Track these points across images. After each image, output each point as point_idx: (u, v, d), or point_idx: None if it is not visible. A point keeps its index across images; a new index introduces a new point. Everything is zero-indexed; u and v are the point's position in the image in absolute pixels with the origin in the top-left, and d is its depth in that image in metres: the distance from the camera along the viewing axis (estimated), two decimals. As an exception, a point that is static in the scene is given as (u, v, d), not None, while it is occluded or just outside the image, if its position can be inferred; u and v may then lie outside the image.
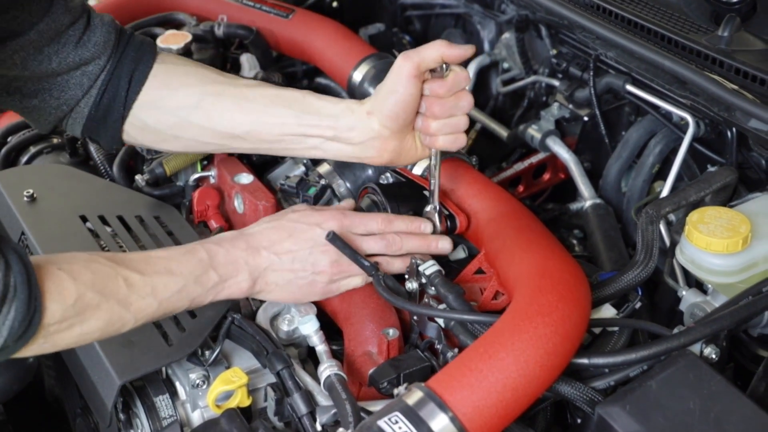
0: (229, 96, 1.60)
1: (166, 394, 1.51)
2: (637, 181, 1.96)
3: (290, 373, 1.47)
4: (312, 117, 1.57)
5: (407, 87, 1.49)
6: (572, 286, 1.37)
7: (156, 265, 1.40)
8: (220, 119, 1.59)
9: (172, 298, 1.40)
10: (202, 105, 1.59)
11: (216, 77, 1.62)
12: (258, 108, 1.59)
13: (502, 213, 1.60)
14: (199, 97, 1.59)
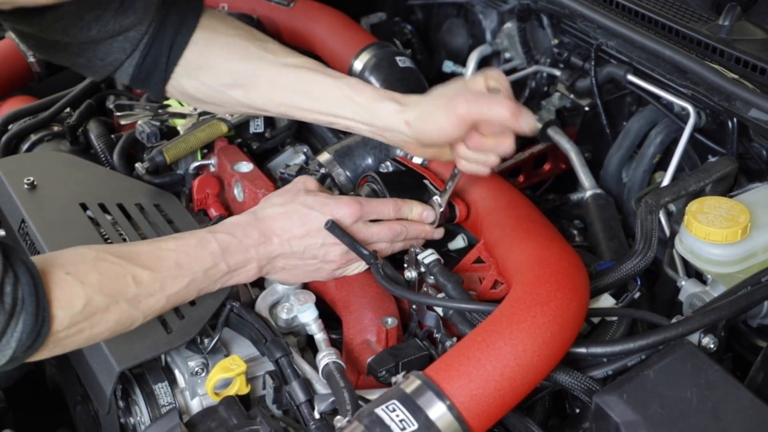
0: (267, 79, 1.60)
1: (165, 381, 1.52)
2: (638, 172, 1.95)
3: (289, 361, 1.48)
4: (347, 110, 1.57)
5: (456, 129, 1.46)
6: (571, 275, 1.37)
7: (166, 260, 1.38)
8: (257, 99, 1.62)
9: (181, 292, 1.40)
10: (240, 83, 1.60)
11: (257, 52, 1.61)
12: (293, 96, 1.60)
13: (502, 203, 1.59)
14: (236, 76, 1.60)
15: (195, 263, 1.41)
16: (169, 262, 1.39)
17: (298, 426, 1.46)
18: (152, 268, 1.36)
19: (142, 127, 1.89)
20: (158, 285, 1.36)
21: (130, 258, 1.35)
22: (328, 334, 1.55)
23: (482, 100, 1.44)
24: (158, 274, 1.36)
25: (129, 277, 1.33)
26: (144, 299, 1.35)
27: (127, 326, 1.35)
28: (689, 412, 1.24)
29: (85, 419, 1.75)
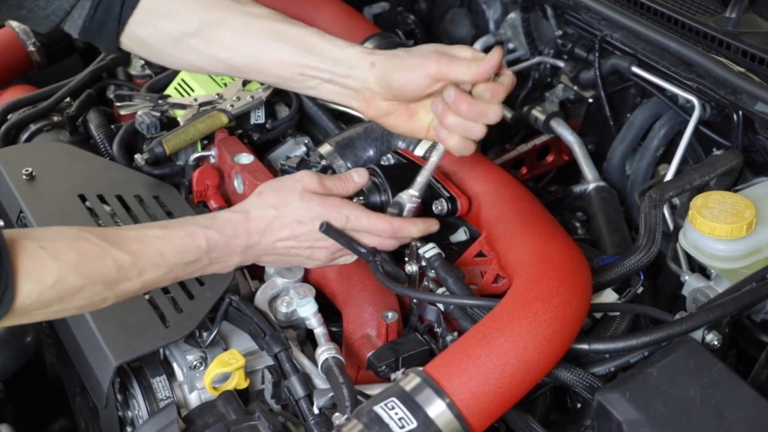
0: (231, 26, 1.55)
1: (163, 375, 1.51)
2: (642, 164, 1.94)
3: (288, 356, 1.47)
4: (312, 58, 1.52)
5: (420, 83, 1.46)
6: (573, 271, 1.35)
7: (149, 247, 1.36)
8: (220, 48, 1.56)
9: (158, 279, 1.38)
10: (202, 32, 1.55)
11: (221, 1, 1.57)
12: (259, 43, 1.54)
13: (504, 196, 1.58)
14: (198, 23, 1.55)
15: (178, 255, 1.39)
16: (152, 249, 1.36)
17: (297, 421, 1.45)
18: (134, 253, 1.34)
19: (141, 118, 1.87)
20: (137, 271, 1.34)
21: (113, 241, 1.33)
22: (328, 327, 1.54)
23: (451, 57, 1.45)
24: (139, 260, 1.34)
25: (109, 260, 1.31)
26: (121, 282, 1.33)
27: (97, 305, 1.34)
28: (692, 410, 1.22)
29: (84, 410, 1.75)
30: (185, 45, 1.57)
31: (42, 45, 2.26)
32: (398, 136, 1.78)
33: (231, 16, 1.55)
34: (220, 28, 1.55)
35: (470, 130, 1.47)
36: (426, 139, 1.62)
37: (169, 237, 1.39)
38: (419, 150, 1.74)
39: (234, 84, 1.92)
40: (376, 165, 1.66)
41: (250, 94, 1.89)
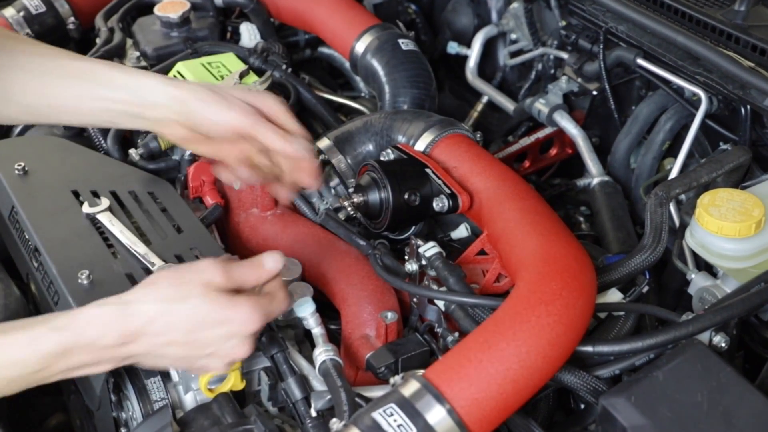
0: (26, 68, 1.45)
1: (157, 376, 1.47)
2: (647, 158, 1.91)
3: (285, 357, 1.43)
4: (111, 90, 1.45)
5: (226, 131, 1.42)
6: (577, 272, 1.32)
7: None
8: (17, 92, 1.45)
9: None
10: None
11: (10, 44, 1.47)
12: (56, 81, 1.45)
13: (507, 193, 1.54)
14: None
15: (19, 366, 1.18)
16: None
17: (294, 423, 1.41)
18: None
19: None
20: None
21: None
22: (327, 327, 1.50)
23: (265, 126, 1.41)
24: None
25: None
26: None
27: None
28: (700, 416, 1.19)
29: (79, 409, 1.71)
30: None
31: (35, 35, 2.22)
32: (398, 130, 1.75)
33: (23, 59, 1.46)
34: (14, 73, 1.45)
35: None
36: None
37: (5, 345, 1.17)
38: (420, 144, 1.70)
39: (230, 77, 1.89)
40: (376, 160, 1.62)
41: (247, 88, 1.85)
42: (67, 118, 1.52)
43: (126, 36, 2.17)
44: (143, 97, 1.44)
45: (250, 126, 1.40)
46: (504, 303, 1.29)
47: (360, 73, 2.04)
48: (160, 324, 1.22)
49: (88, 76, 1.47)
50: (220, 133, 1.42)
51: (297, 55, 2.31)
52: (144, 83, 1.45)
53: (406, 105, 1.91)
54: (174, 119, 1.43)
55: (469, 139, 1.72)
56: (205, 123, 1.42)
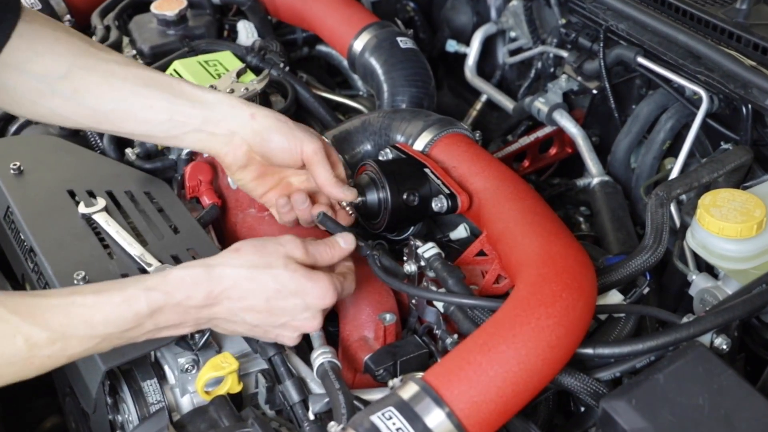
0: (100, 71, 1.48)
1: (154, 378, 1.46)
2: (647, 158, 1.89)
3: (282, 359, 1.42)
4: (183, 103, 1.49)
5: (293, 155, 1.51)
6: (577, 273, 1.30)
7: (75, 318, 1.22)
8: (87, 93, 1.48)
9: (87, 351, 1.26)
10: (70, 76, 1.47)
11: (88, 48, 1.50)
12: (128, 86, 1.48)
13: (506, 193, 1.52)
14: (68, 67, 1.47)
15: (112, 324, 1.25)
16: (78, 320, 1.23)
17: (291, 426, 1.40)
18: (54, 327, 1.21)
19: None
20: (58, 346, 1.22)
21: (28, 313, 1.20)
22: (325, 328, 1.49)
23: (325, 163, 1.51)
24: (60, 334, 1.21)
25: (19, 338, 1.19)
26: (37, 359, 1.21)
27: (8, 383, 1.22)
28: (701, 419, 1.18)
29: (74, 411, 1.70)
30: (51, 91, 1.48)
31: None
32: (397, 129, 1.73)
33: (98, 63, 1.49)
34: (89, 74, 1.48)
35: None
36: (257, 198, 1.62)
37: (101, 304, 1.25)
38: (419, 144, 1.68)
39: (227, 75, 1.87)
40: (374, 160, 1.61)
41: (245, 86, 1.83)
42: (129, 126, 1.52)
43: (122, 34, 2.16)
44: (220, 115, 1.49)
45: (313, 158, 1.49)
46: (504, 305, 1.28)
47: (358, 71, 2.03)
48: (242, 289, 1.31)
49: (166, 87, 1.50)
50: (284, 160, 1.51)
51: (295, 53, 2.30)
52: (221, 100, 1.51)
53: (404, 104, 1.90)
54: (244, 138, 1.50)
55: (469, 138, 1.70)
56: (277, 145, 1.49)
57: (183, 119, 1.49)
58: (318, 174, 1.51)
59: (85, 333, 1.23)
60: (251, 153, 1.52)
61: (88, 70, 1.48)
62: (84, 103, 1.48)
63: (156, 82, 1.50)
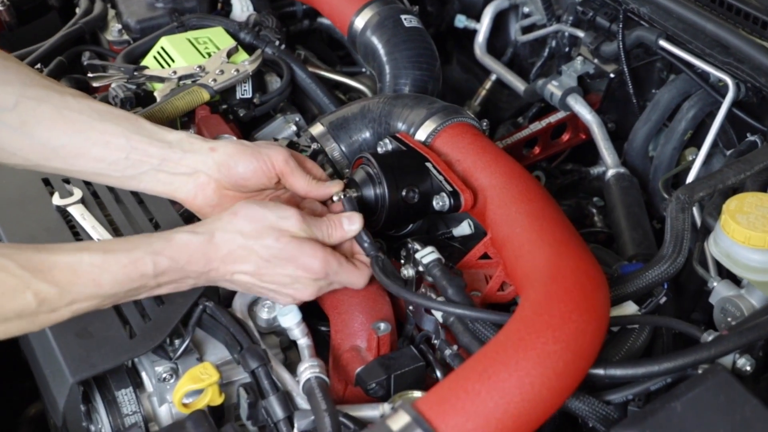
0: (53, 103, 1.37)
1: (129, 387, 1.35)
2: (667, 148, 1.77)
3: (266, 371, 1.31)
4: (142, 139, 1.39)
5: (265, 173, 1.42)
6: (589, 291, 1.18)
7: (83, 277, 1.22)
8: (37, 126, 1.36)
9: (91, 307, 1.25)
10: (20, 108, 1.36)
11: (40, 80, 1.40)
12: (83, 119, 1.38)
13: (514, 192, 1.40)
14: (17, 98, 1.36)
15: (118, 284, 1.25)
16: (86, 279, 1.22)
17: (275, 445, 1.29)
18: (63, 285, 1.20)
19: (115, 91, 1.71)
20: (65, 302, 1.21)
21: (38, 270, 1.19)
22: (316, 333, 1.38)
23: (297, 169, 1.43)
24: (68, 292, 1.21)
25: (29, 294, 1.18)
26: (44, 314, 1.20)
27: (14, 335, 1.21)
28: (722, 456, 1.07)
29: (52, 409, 1.60)
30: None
31: (11, 3, 2.08)
32: (398, 116, 1.61)
33: (51, 94, 1.38)
34: (39, 105, 1.37)
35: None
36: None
37: (108, 265, 1.24)
38: (421, 134, 1.56)
39: (218, 55, 1.75)
40: (371, 153, 1.49)
41: (235, 67, 1.71)
42: (81, 164, 1.41)
43: (108, 5, 2.04)
44: (181, 153, 1.41)
45: (287, 168, 1.42)
46: (506, 326, 1.16)
47: (359, 50, 1.89)
48: (236, 255, 1.32)
49: (123, 122, 1.41)
50: (259, 182, 1.43)
51: (294, 26, 2.17)
52: (181, 138, 1.43)
53: (407, 87, 1.77)
54: (209, 174, 1.42)
55: (475, 128, 1.58)
56: (245, 169, 1.41)
57: (140, 158, 1.40)
58: (295, 182, 1.43)
59: (92, 292, 1.23)
60: (221, 189, 1.43)
61: (39, 101, 1.37)
62: (33, 137, 1.37)
63: (113, 116, 1.41)
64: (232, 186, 1.43)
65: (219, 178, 1.42)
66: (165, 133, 1.42)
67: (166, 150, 1.41)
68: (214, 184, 1.42)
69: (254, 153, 1.42)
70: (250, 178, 1.42)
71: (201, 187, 1.42)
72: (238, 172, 1.41)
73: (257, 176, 1.42)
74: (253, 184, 1.43)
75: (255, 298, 1.44)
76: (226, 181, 1.42)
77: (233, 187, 1.43)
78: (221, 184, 1.42)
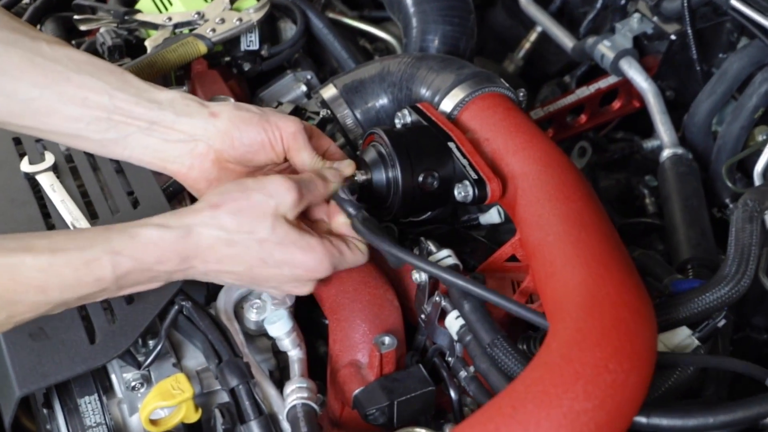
0: (23, 48, 1.16)
1: (94, 394, 1.18)
2: (734, 126, 1.55)
3: (248, 390, 1.13)
4: (127, 97, 1.18)
5: (273, 144, 1.21)
6: (633, 331, 0.96)
7: (24, 282, 1.02)
8: (2, 76, 1.15)
9: (35, 317, 1.06)
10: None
11: (9, 21, 1.19)
12: (58, 70, 1.16)
13: (551, 186, 1.17)
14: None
15: (69, 290, 1.05)
16: (28, 285, 1.02)
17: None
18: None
19: (103, 38, 1.51)
20: (3, 314, 1.02)
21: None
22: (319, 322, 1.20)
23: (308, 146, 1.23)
24: (6, 301, 1.02)
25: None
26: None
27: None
28: None
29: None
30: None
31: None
32: (421, 81, 1.39)
33: (21, 39, 1.16)
34: (7, 49, 1.15)
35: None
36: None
37: (56, 268, 1.03)
38: (447, 104, 1.34)
39: (219, 1, 1.52)
40: (384, 129, 1.26)
41: (238, 16, 1.50)
42: (51, 124, 1.19)
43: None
44: (173, 116, 1.19)
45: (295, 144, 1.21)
46: (527, 371, 0.94)
47: (384, 0, 1.66)
48: (220, 253, 1.11)
49: (105, 75, 1.19)
50: (266, 157, 1.22)
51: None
52: (174, 98, 1.21)
53: (435, 43, 1.55)
54: (210, 143, 1.21)
55: (510, 101, 1.35)
56: (250, 138, 1.20)
57: (124, 119, 1.18)
58: (298, 160, 1.22)
59: (36, 299, 1.04)
60: (222, 162, 1.22)
61: (5, 44, 1.15)
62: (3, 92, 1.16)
63: (94, 68, 1.18)
64: (235, 159, 1.22)
65: (221, 148, 1.21)
66: (155, 91, 1.20)
67: (155, 111, 1.19)
68: (213, 154, 1.21)
69: (262, 122, 1.21)
70: (257, 150, 1.21)
71: (199, 157, 1.21)
72: (244, 143, 1.21)
73: (264, 148, 1.22)
74: (258, 157, 1.22)
75: (243, 294, 1.25)
76: (230, 152, 1.21)
77: (236, 160, 1.22)
78: (222, 156, 1.21)
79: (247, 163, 1.22)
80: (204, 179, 1.22)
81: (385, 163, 1.24)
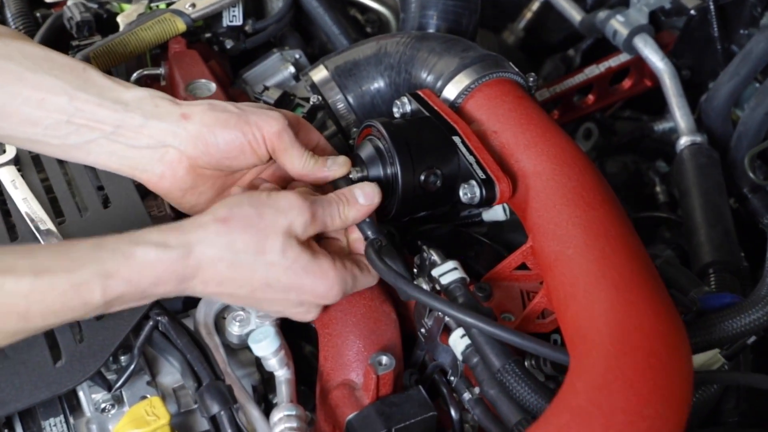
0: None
1: (60, 416, 1.08)
2: (757, 112, 1.45)
3: (230, 417, 1.02)
4: (89, 98, 1.07)
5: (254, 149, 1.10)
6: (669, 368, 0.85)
7: (3, 311, 0.91)
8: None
9: (14, 342, 0.95)
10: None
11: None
12: (12, 68, 1.06)
13: (568, 188, 1.06)
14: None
15: (53, 316, 0.94)
16: (8, 314, 0.91)
17: None
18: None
19: (71, 12, 1.38)
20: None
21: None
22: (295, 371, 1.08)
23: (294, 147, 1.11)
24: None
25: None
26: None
27: None
28: None
29: None
30: None
31: None
32: (422, 64, 1.26)
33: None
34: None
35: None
36: None
37: (40, 292, 0.92)
38: (450, 91, 1.22)
39: (201, -30, 1.39)
40: (382, 121, 1.14)
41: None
42: (11, 128, 1.08)
43: None
44: (141, 118, 1.08)
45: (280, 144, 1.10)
46: (551, 415, 0.83)
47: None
48: (221, 276, 1.01)
49: (65, 74, 1.07)
50: (246, 160, 1.11)
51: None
52: (141, 97, 1.09)
53: (435, 20, 1.42)
54: (181, 149, 1.09)
55: (520, 87, 1.23)
56: (225, 148, 1.09)
57: (86, 122, 1.07)
58: (287, 162, 1.11)
59: (17, 327, 0.94)
60: (197, 168, 1.11)
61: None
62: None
63: (51, 65, 1.08)
64: (210, 165, 1.11)
65: (194, 154, 1.09)
66: (121, 89, 1.09)
67: (120, 113, 1.07)
68: (186, 162, 1.10)
69: (240, 123, 1.09)
70: (236, 155, 1.10)
71: (170, 165, 1.10)
72: (219, 148, 1.09)
73: (244, 153, 1.10)
74: (238, 162, 1.11)
75: (224, 306, 1.13)
76: (204, 159, 1.10)
77: (213, 166, 1.11)
78: (196, 163, 1.10)
79: (225, 168, 1.11)
80: (178, 189, 1.11)
81: (384, 160, 1.12)
